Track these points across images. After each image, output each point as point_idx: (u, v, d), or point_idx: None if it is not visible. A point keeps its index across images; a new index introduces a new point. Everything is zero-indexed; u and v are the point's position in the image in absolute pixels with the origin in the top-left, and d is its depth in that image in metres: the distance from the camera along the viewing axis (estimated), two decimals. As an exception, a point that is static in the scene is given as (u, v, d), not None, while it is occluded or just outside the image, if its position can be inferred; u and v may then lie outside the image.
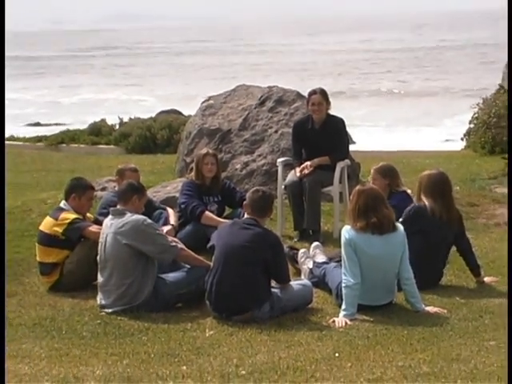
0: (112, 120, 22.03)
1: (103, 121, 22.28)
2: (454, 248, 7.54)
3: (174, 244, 7.05)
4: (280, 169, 9.48)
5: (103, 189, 10.43)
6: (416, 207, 7.30)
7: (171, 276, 6.97)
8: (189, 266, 7.15)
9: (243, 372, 5.01)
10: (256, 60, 64.91)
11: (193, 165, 9.08)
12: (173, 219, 8.33)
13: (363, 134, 23.08)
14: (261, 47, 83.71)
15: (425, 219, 7.20)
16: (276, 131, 11.39)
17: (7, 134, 24.08)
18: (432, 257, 7.25)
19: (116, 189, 8.54)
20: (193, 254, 7.14)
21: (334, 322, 6.33)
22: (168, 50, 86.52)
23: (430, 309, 6.59)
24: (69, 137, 21.13)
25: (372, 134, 25.29)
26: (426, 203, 7.24)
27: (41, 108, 39.07)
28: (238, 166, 11.24)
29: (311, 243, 7.96)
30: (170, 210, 8.49)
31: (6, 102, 41.74)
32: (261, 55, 71.64)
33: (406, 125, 28.11)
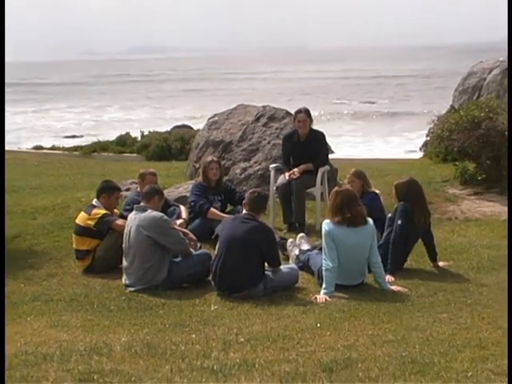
0: (135, 133, 22.07)
1: (128, 134, 22.34)
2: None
3: (183, 238, 7.12)
4: (272, 173, 9.48)
5: (127, 189, 10.41)
6: (409, 206, 7.19)
7: (181, 260, 7.00)
8: (196, 252, 7.18)
9: (242, 339, 5.01)
10: (252, 85, 64.87)
11: (200, 170, 9.08)
12: (184, 214, 8.32)
13: (340, 145, 23.07)
14: (257, 75, 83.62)
15: (414, 217, 7.19)
16: (269, 142, 11.40)
17: (49, 145, 24.13)
18: (407, 247, 7.28)
19: (138, 189, 8.52)
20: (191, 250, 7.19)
21: (316, 298, 6.33)
22: (181, 77, 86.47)
23: (394, 288, 6.60)
24: (100, 147, 21.15)
25: (347, 144, 25.27)
26: (409, 204, 7.22)
27: (77, 123, 39.04)
28: (238, 171, 11.24)
29: (298, 234, 7.96)
30: (181, 207, 8.48)
31: (51, 119, 41.94)
32: (256, 81, 71.63)
33: (375, 138, 28.12)
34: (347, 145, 25.13)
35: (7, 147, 24.08)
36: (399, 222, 7.14)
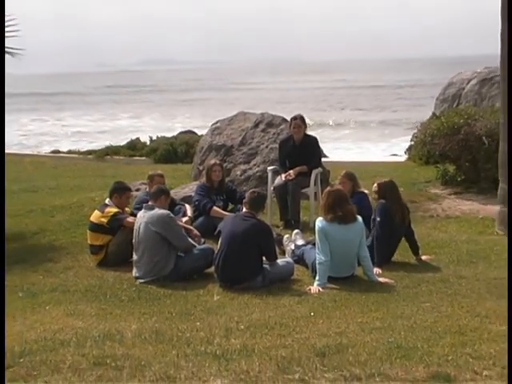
0: (144, 138, 22.05)
1: (138, 139, 22.29)
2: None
3: (185, 235, 7.12)
4: (270, 175, 9.47)
5: (137, 190, 10.37)
6: (386, 204, 7.20)
7: (187, 254, 6.99)
8: (200, 247, 7.17)
9: (242, 327, 5.01)
10: (251, 94, 64.81)
11: (204, 172, 9.08)
12: (189, 212, 8.32)
13: (332, 149, 23.03)
14: (255, 85, 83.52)
15: (391, 213, 7.20)
16: (267, 146, 11.41)
17: (66, 149, 24.10)
18: (391, 241, 7.27)
19: (147, 190, 8.51)
20: (195, 244, 7.19)
21: (310, 289, 6.33)
22: (186, 87, 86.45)
23: (381, 279, 6.60)
24: (112, 151, 21.10)
25: (338, 148, 25.21)
26: (388, 202, 7.22)
27: (92, 130, 39.04)
28: (238, 173, 11.24)
29: (293, 230, 7.95)
30: (187, 206, 8.48)
31: (67, 125, 42.05)
32: (254, 91, 71.59)
33: (364, 143, 28.11)
34: (338, 149, 25.08)
35: (27, 151, 24.15)
36: (378, 219, 7.15)
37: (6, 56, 8.71)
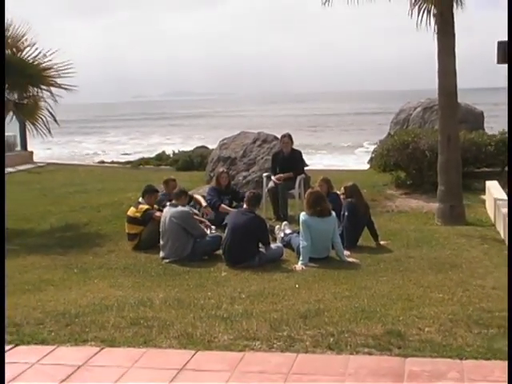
0: (169, 152, 22.02)
1: (163, 152, 22.26)
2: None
3: (199, 225, 7.12)
4: (264, 180, 9.46)
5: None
6: (353, 202, 7.21)
7: (200, 240, 6.97)
8: (211, 235, 7.16)
9: (243, 296, 5.00)
10: (251, 119, 64.65)
11: (214, 177, 9.07)
12: (203, 202, 8.30)
13: (313, 160, 22.98)
14: (253, 112, 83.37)
15: (356, 209, 7.20)
16: (262, 158, 11.40)
17: (109, 160, 24.05)
18: (356, 230, 7.26)
19: (163, 191, 8.35)
20: (207, 232, 7.16)
21: (295, 267, 6.32)
22: (201, 114, 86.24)
23: (350, 259, 6.58)
24: (144, 161, 21.05)
25: (318, 159, 25.18)
26: (353, 200, 7.24)
27: (130, 146, 38.98)
28: (240, 178, 11.24)
29: (282, 222, 7.93)
30: (198, 196, 8.50)
31: (111, 143, 41.88)
32: (253, 116, 71.42)
33: (337, 155, 28.09)
34: (318, 160, 25.04)
35: (81, 162, 24.06)
36: (346, 213, 7.15)
37: (61, 91, 8.73)
